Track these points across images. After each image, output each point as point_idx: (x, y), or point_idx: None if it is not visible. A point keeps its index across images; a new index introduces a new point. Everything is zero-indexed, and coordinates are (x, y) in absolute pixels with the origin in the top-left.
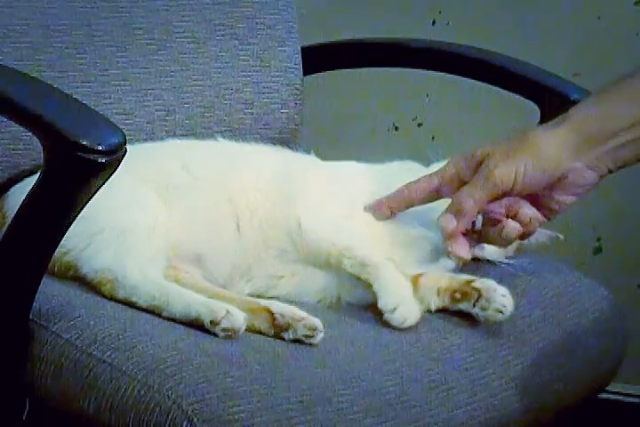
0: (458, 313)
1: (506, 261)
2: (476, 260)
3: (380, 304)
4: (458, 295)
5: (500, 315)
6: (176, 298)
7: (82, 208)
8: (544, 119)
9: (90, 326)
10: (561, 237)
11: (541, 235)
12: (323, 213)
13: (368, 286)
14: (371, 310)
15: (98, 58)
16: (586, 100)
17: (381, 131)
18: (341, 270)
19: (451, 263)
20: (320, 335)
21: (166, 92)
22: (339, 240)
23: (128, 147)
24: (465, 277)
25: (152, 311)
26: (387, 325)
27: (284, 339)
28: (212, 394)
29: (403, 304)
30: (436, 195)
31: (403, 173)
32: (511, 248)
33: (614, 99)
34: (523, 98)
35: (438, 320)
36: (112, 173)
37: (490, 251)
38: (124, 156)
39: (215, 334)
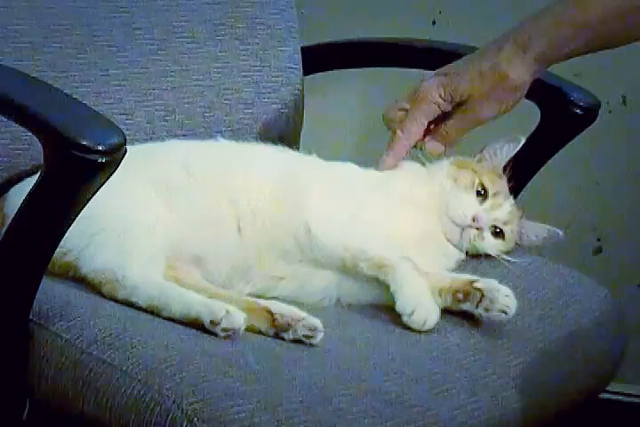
0: (458, 313)
1: (507, 257)
2: (476, 258)
3: (398, 307)
4: (460, 296)
5: (504, 315)
6: (176, 298)
7: (82, 208)
8: (544, 119)
9: (90, 326)
10: (560, 232)
11: (541, 230)
12: (331, 216)
13: (386, 287)
14: (370, 310)
15: (98, 58)
16: (534, 27)
17: (381, 131)
18: (358, 274)
19: (452, 263)
20: (320, 335)
21: (166, 92)
22: (351, 244)
23: (128, 147)
24: (467, 277)
25: (152, 311)
26: (386, 325)
27: (283, 339)
28: (212, 394)
29: (420, 306)
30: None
31: (403, 173)
32: (511, 243)
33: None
34: (523, 97)
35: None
36: (112, 173)
37: (490, 245)
38: (123, 156)
39: (215, 334)
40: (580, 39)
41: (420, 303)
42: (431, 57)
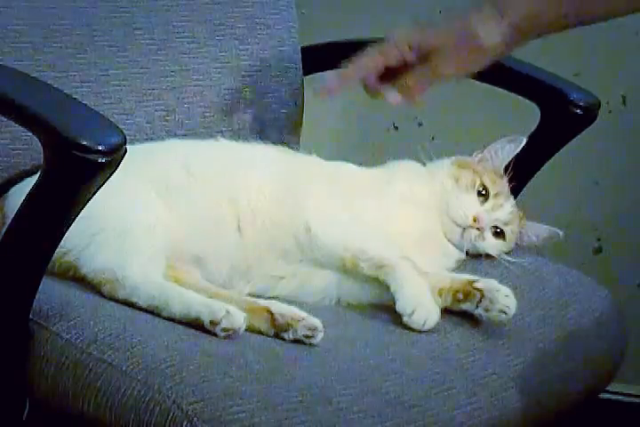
0: (458, 313)
1: (507, 257)
2: (476, 258)
3: (398, 307)
4: (460, 296)
5: (504, 315)
6: (176, 298)
7: (82, 208)
8: (544, 119)
9: (90, 326)
10: (560, 233)
11: (541, 230)
12: (331, 216)
13: (386, 287)
14: (370, 310)
15: (98, 58)
16: None
17: (381, 131)
18: (358, 273)
19: (452, 263)
20: (320, 335)
21: (166, 92)
22: (351, 244)
23: (128, 147)
24: (467, 277)
25: (152, 311)
26: (386, 325)
27: (284, 339)
28: (212, 394)
29: (420, 306)
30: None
31: (403, 173)
32: (512, 243)
33: None
34: (523, 98)
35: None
36: (112, 173)
37: (491, 245)
38: (123, 156)
39: (215, 334)
40: (567, 5)
41: (421, 303)
42: None
